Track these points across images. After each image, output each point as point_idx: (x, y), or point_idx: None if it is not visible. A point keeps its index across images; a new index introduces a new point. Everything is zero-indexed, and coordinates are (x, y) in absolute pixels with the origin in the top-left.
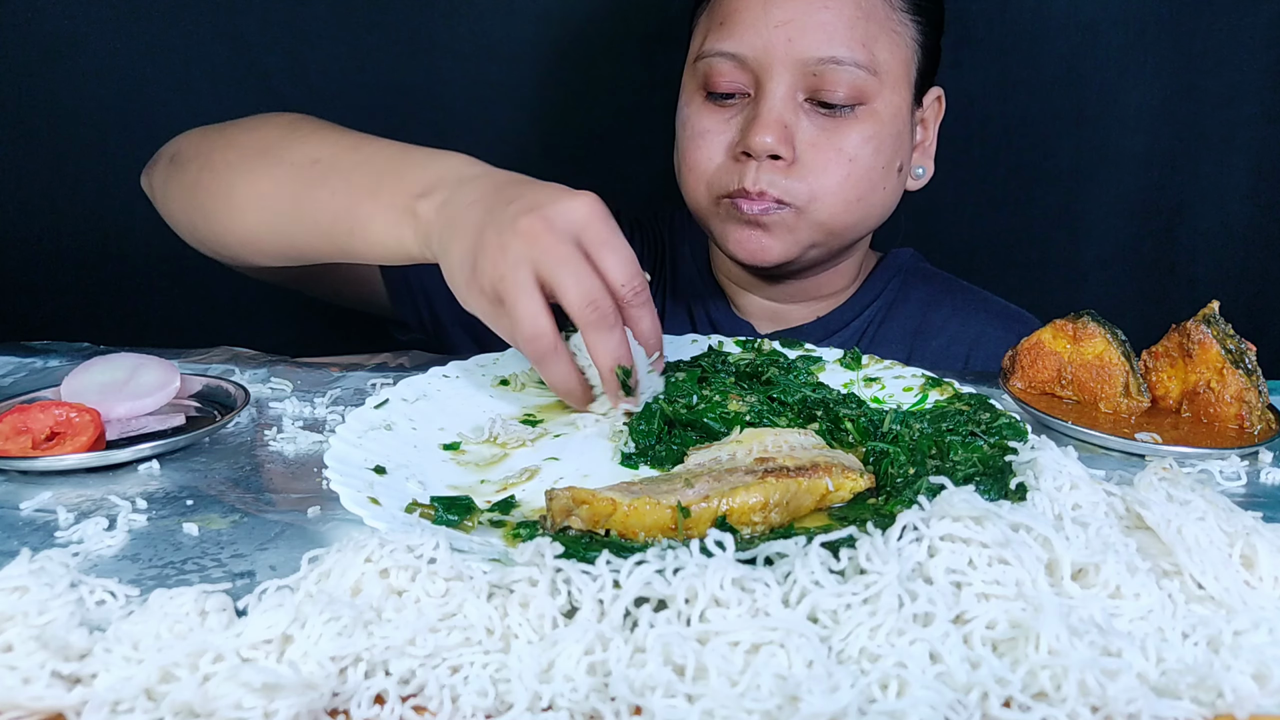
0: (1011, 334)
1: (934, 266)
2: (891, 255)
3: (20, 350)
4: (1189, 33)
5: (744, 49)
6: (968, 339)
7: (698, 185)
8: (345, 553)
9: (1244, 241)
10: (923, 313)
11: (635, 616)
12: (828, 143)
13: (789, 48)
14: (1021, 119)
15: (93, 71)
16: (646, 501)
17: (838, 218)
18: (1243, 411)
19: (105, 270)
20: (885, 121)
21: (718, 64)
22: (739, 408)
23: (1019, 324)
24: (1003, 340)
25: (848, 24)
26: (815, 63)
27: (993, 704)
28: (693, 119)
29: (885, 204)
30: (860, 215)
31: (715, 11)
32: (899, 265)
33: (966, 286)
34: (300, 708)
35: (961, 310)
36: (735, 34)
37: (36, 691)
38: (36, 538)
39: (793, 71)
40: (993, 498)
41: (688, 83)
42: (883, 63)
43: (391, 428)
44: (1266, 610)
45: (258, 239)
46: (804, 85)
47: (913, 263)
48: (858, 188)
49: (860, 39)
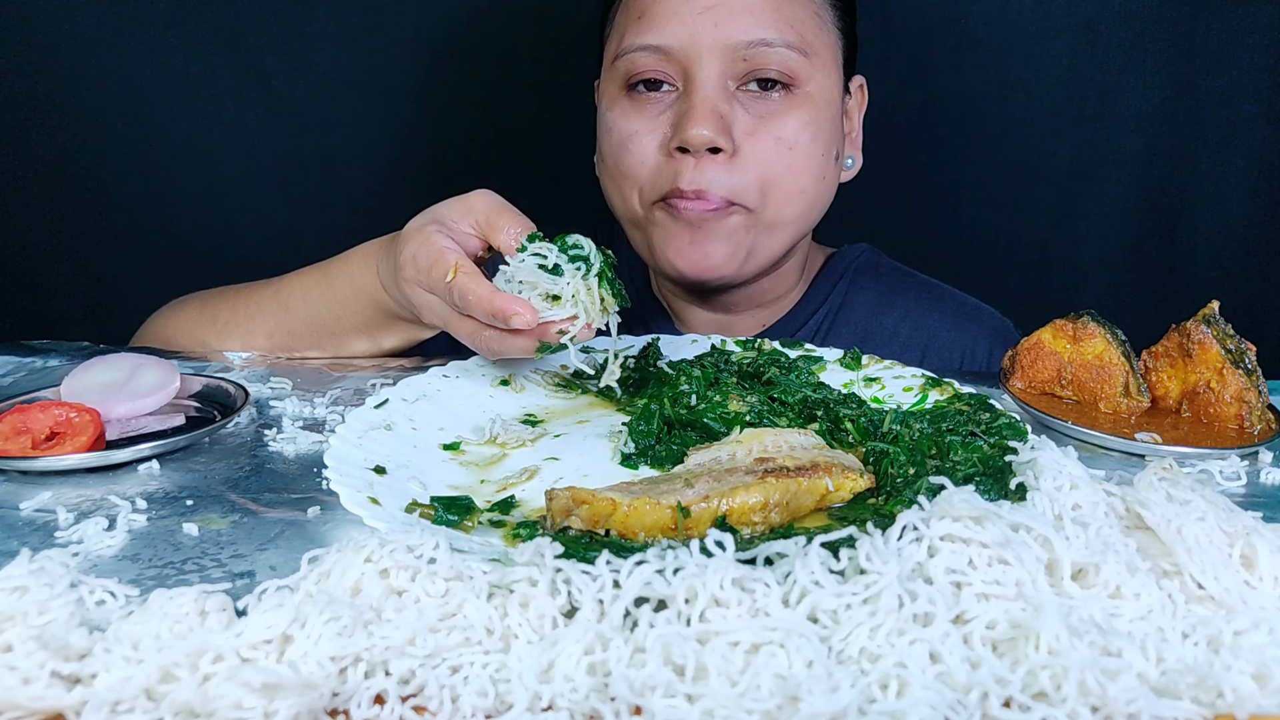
0: (965, 334)
1: (891, 260)
2: (840, 254)
3: (20, 350)
4: (1188, 32)
5: (668, 39)
6: (919, 343)
7: (630, 192)
8: (345, 553)
9: (1244, 241)
10: (872, 316)
11: (635, 616)
12: (766, 131)
13: (716, 33)
14: (1021, 119)
15: (93, 71)
16: (646, 501)
17: (784, 211)
18: (1243, 411)
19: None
20: (820, 105)
21: (641, 59)
22: (739, 408)
23: (973, 323)
24: (956, 343)
25: (773, 6)
26: (745, 46)
27: (993, 704)
28: (618, 122)
29: (825, 196)
30: (805, 207)
31: (630, 8)
32: (847, 265)
33: (923, 282)
34: (300, 708)
35: (914, 313)
36: (658, 25)
37: (36, 691)
38: (36, 538)
39: (722, 58)
40: (993, 498)
41: (607, 87)
42: (812, 45)
43: (391, 428)
44: (1266, 610)
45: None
46: (734, 71)
47: (866, 259)
48: (800, 178)
49: (788, 20)
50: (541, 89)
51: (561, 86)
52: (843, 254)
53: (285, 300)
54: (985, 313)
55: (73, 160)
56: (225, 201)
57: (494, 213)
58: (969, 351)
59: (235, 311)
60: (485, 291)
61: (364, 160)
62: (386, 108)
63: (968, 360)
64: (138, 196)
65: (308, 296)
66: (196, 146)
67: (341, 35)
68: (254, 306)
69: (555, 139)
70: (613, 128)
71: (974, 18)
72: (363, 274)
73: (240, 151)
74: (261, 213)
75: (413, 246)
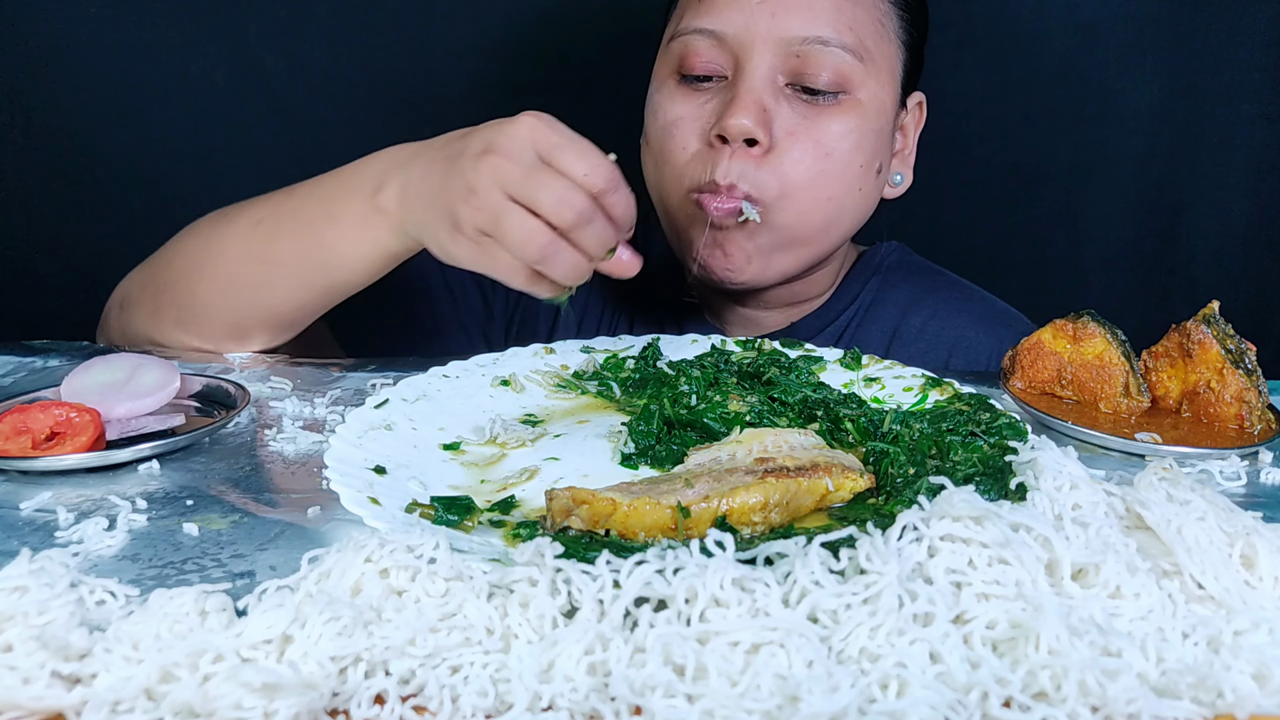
0: (992, 338)
1: (922, 259)
2: (872, 251)
3: (20, 350)
4: (1188, 32)
5: (724, 25)
6: (946, 343)
7: (670, 178)
8: (345, 553)
9: (1244, 241)
10: (901, 315)
11: (635, 616)
12: (805, 132)
13: (772, 24)
14: (1021, 119)
15: (93, 71)
16: (646, 501)
17: (805, 217)
18: (1243, 411)
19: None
20: (869, 115)
21: (695, 42)
22: (739, 408)
23: (1002, 326)
24: (982, 345)
25: (834, 5)
26: (799, 42)
27: (993, 704)
28: (664, 105)
29: (859, 208)
30: (829, 216)
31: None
32: (879, 262)
33: (953, 281)
34: (300, 708)
35: (941, 312)
36: (715, 10)
37: (36, 691)
38: (36, 538)
39: (774, 51)
40: (993, 498)
41: (660, 67)
42: (869, 51)
43: (391, 428)
44: (1266, 610)
45: (242, 321)
46: (786, 67)
47: (897, 257)
48: (830, 185)
49: (847, 22)
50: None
51: (564, 87)
52: (874, 251)
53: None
54: (1014, 316)
55: (72, 160)
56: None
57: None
58: (995, 355)
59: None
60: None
61: None
62: (386, 108)
63: (994, 364)
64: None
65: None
66: (196, 146)
67: (341, 35)
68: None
69: None
70: (658, 110)
71: (974, 18)
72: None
73: (240, 151)
74: None
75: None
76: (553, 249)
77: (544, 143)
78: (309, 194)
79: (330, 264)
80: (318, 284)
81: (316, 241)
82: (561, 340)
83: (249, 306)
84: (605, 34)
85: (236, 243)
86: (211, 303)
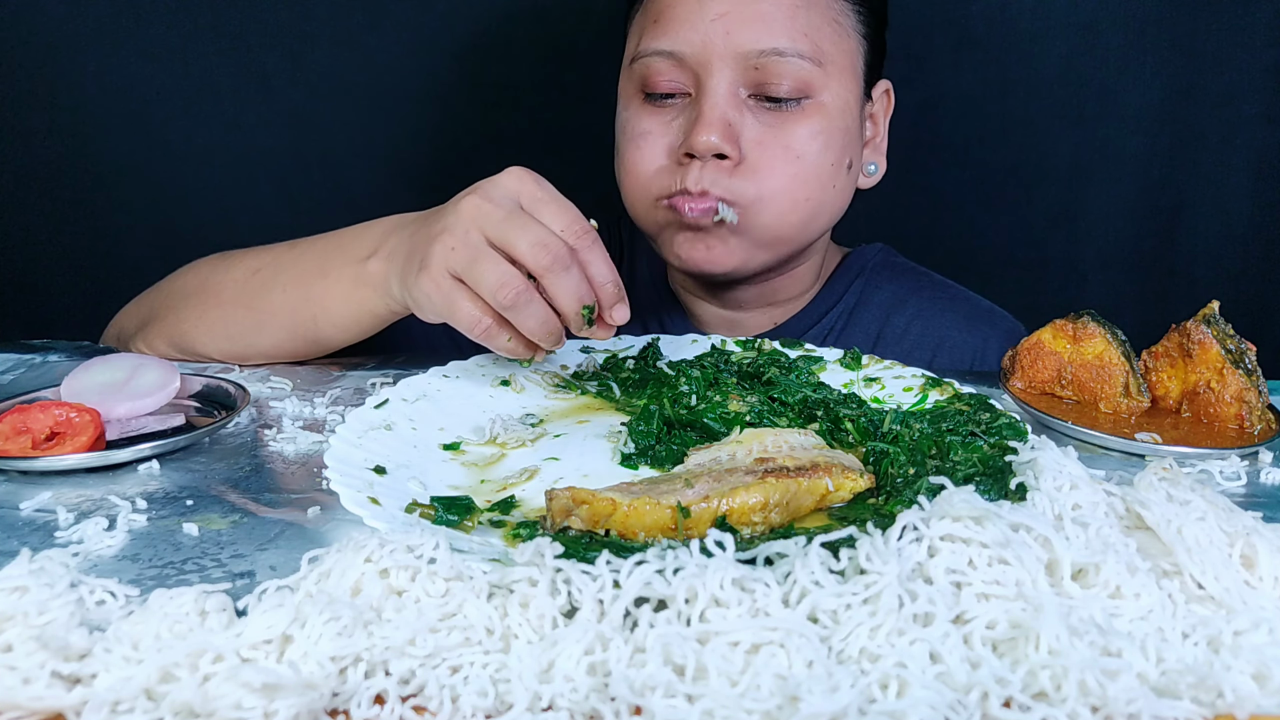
0: (976, 336)
1: (906, 260)
2: (856, 254)
3: (20, 348)
4: (1188, 32)
5: (681, 45)
6: (930, 344)
7: (636, 189)
8: (345, 553)
9: (1244, 241)
10: (885, 315)
11: (635, 616)
12: (774, 140)
13: (728, 41)
14: (1021, 118)
15: (93, 71)
16: (646, 501)
17: (785, 218)
18: (1243, 411)
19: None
20: (833, 115)
21: (655, 63)
22: (739, 408)
23: (985, 325)
24: (966, 344)
25: (788, 14)
26: (756, 55)
27: (993, 704)
28: (632, 121)
29: (835, 204)
30: (808, 215)
31: (649, 10)
32: (863, 264)
33: (938, 282)
34: (300, 708)
35: (925, 312)
36: (671, 31)
37: (36, 691)
38: (36, 538)
39: (733, 66)
40: (993, 498)
41: (625, 85)
42: (827, 53)
43: (391, 428)
44: (1266, 610)
45: (233, 358)
46: (746, 80)
47: (882, 258)
48: (806, 187)
49: (802, 29)
50: (543, 89)
51: (564, 87)
52: (859, 253)
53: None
54: (999, 315)
55: (73, 160)
56: (225, 201)
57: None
58: (980, 353)
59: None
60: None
61: (364, 160)
62: (386, 108)
63: (978, 362)
64: (138, 196)
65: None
66: (196, 146)
67: (341, 35)
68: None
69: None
70: (626, 127)
71: (974, 18)
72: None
73: (240, 151)
74: (261, 213)
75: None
76: (525, 297)
77: (528, 194)
78: (307, 250)
79: (319, 319)
80: (306, 336)
81: (305, 296)
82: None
83: (240, 348)
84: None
85: (232, 288)
86: (203, 341)
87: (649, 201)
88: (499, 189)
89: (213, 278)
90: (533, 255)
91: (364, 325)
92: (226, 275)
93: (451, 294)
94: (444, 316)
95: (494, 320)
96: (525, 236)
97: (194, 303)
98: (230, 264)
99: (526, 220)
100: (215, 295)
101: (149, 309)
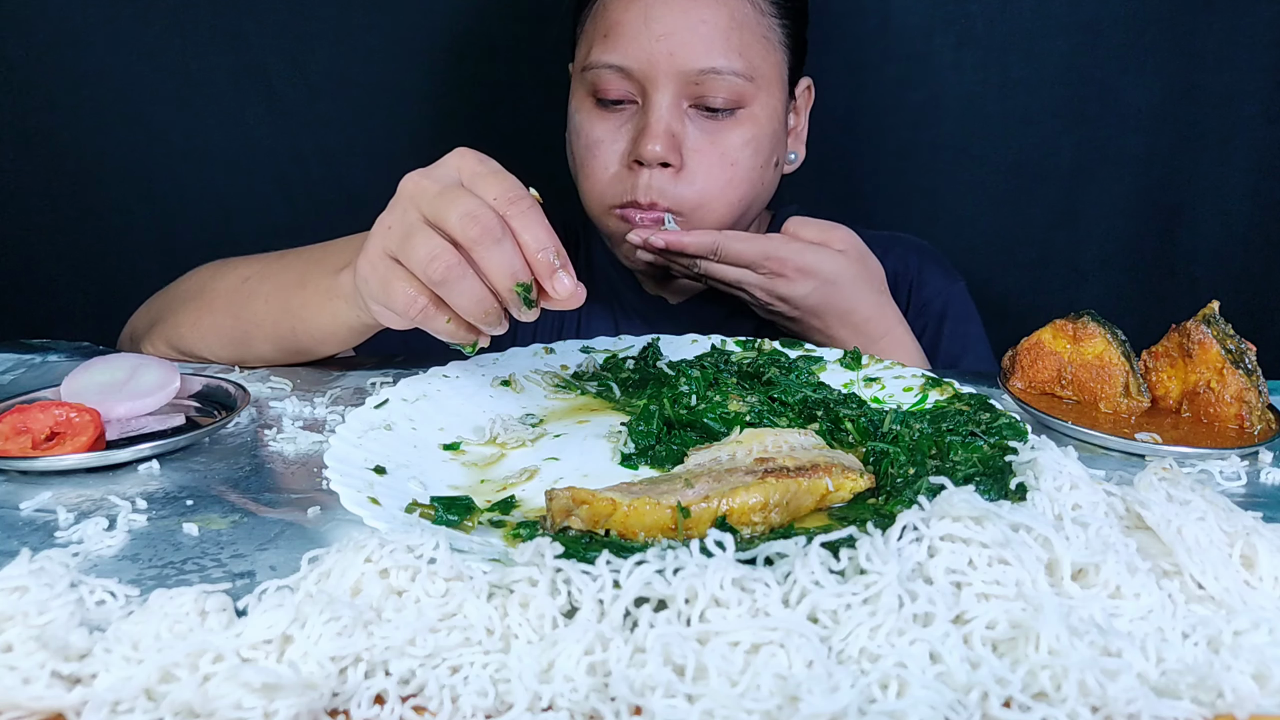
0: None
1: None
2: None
3: (19, 348)
4: (1189, 32)
5: (629, 61)
6: None
7: (593, 195)
8: (345, 553)
9: (1244, 241)
10: None
11: (635, 616)
12: (710, 147)
13: (671, 61)
14: (1022, 118)
15: (93, 71)
16: (646, 501)
17: (721, 219)
18: (1243, 411)
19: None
20: (763, 123)
21: (605, 75)
22: (739, 408)
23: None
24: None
25: (724, 34)
26: (696, 73)
27: (993, 704)
28: (584, 127)
29: (764, 198)
30: (740, 212)
31: (599, 22)
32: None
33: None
34: (300, 708)
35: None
36: (620, 46)
37: (36, 691)
38: (36, 538)
39: (675, 82)
40: (993, 498)
41: (577, 89)
42: (757, 69)
43: (391, 428)
44: (1266, 610)
45: (231, 362)
46: (687, 93)
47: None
48: (739, 189)
49: (736, 48)
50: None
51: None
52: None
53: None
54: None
55: (72, 160)
56: (225, 201)
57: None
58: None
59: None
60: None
61: (364, 160)
62: (386, 108)
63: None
64: (138, 196)
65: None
66: (196, 146)
67: (342, 35)
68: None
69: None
70: (580, 131)
71: (974, 17)
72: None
73: (240, 151)
74: (261, 213)
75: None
76: (458, 272)
77: (468, 170)
78: (293, 261)
79: (297, 330)
80: (288, 347)
81: (285, 308)
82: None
83: (236, 355)
84: None
85: (224, 296)
86: (200, 347)
87: (604, 208)
88: (441, 168)
89: (209, 284)
90: (461, 227)
91: (341, 337)
92: (220, 283)
93: (387, 274)
94: (380, 300)
95: (430, 300)
96: (456, 209)
97: (191, 309)
98: (226, 271)
99: (460, 193)
100: (209, 303)
101: (156, 312)
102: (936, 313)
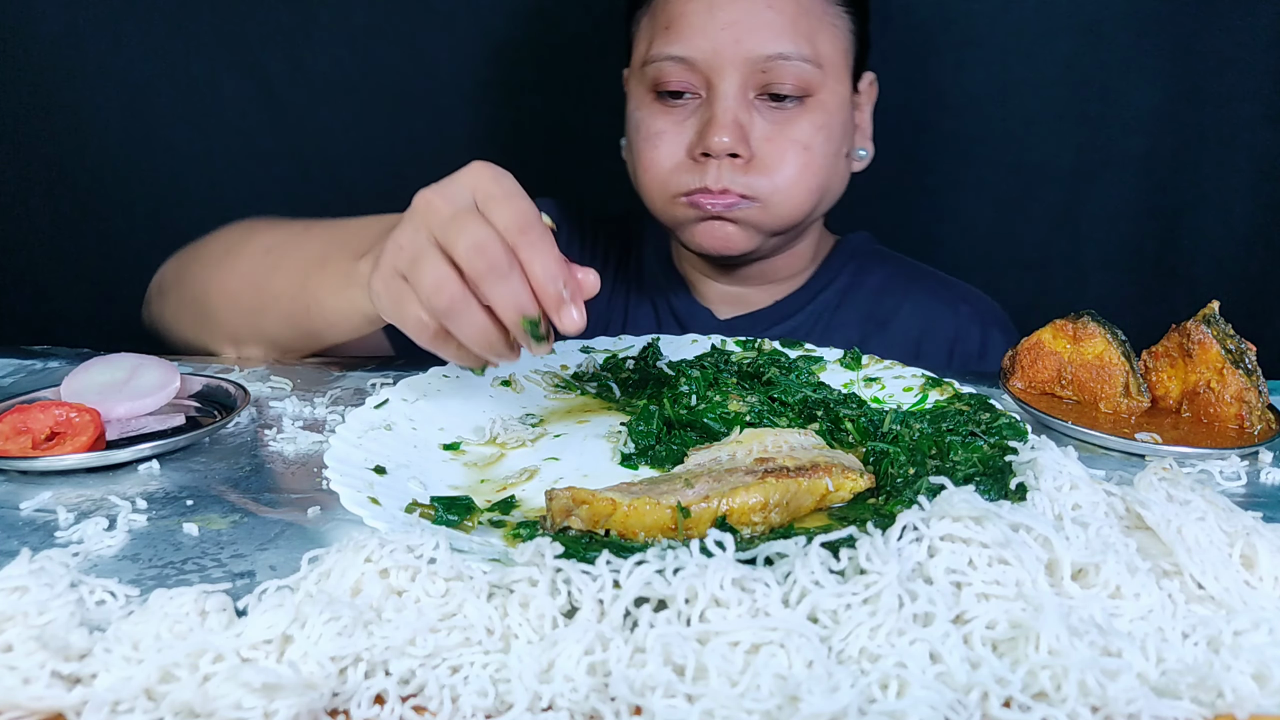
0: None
1: (886, 248)
2: (846, 240)
3: (20, 353)
4: (1191, 34)
5: (693, 52)
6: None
7: (655, 186)
8: (345, 553)
9: (1245, 242)
10: (876, 299)
11: (635, 616)
12: (781, 135)
13: (737, 48)
14: (1023, 119)
15: (93, 71)
16: (646, 501)
17: (800, 206)
18: (1243, 411)
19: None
20: (832, 111)
21: (667, 68)
22: (739, 408)
23: (966, 305)
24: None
25: (791, 21)
26: (764, 60)
27: (993, 704)
28: (646, 121)
29: (837, 189)
30: (817, 201)
31: (658, 16)
32: (854, 249)
33: (924, 272)
34: (300, 708)
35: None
36: (683, 37)
37: (36, 691)
38: (36, 538)
39: (742, 70)
40: (993, 498)
41: (635, 86)
42: (825, 55)
43: (391, 428)
44: (1266, 610)
45: (237, 335)
46: (754, 82)
47: (867, 246)
48: (816, 176)
49: (804, 34)
50: (544, 89)
51: (565, 86)
52: (848, 240)
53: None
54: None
55: (73, 160)
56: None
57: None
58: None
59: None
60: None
61: (364, 160)
62: (386, 108)
63: (961, 339)
64: (138, 196)
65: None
66: (196, 147)
67: (342, 36)
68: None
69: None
70: (641, 126)
71: (976, 17)
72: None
73: (240, 152)
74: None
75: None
76: (461, 305)
77: (483, 190)
78: (318, 235)
79: (312, 310)
80: (303, 326)
81: (303, 285)
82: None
83: (247, 327)
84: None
85: (246, 261)
86: (217, 310)
87: (667, 198)
88: (455, 185)
89: (233, 249)
90: (468, 259)
91: (354, 323)
92: (244, 249)
93: (399, 295)
94: (393, 319)
95: (439, 327)
96: (464, 238)
97: (214, 272)
98: (251, 237)
99: (470, 220)
100: (232, 269)
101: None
102: None
